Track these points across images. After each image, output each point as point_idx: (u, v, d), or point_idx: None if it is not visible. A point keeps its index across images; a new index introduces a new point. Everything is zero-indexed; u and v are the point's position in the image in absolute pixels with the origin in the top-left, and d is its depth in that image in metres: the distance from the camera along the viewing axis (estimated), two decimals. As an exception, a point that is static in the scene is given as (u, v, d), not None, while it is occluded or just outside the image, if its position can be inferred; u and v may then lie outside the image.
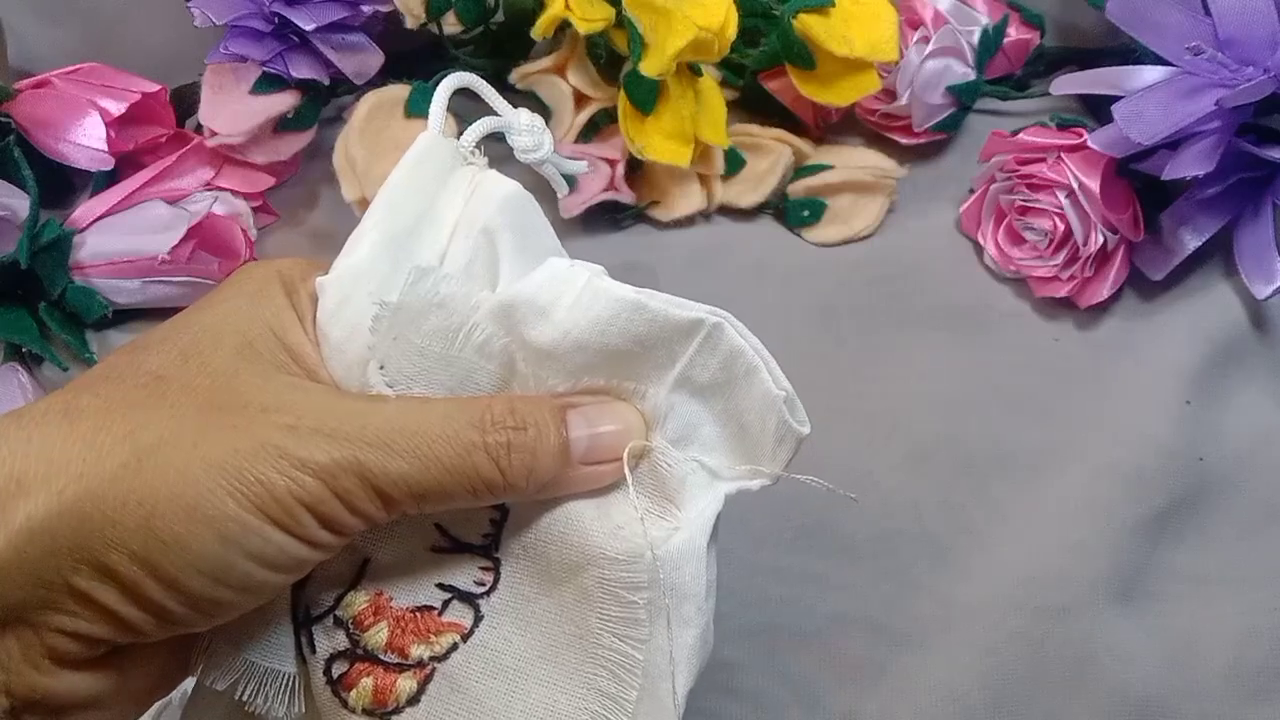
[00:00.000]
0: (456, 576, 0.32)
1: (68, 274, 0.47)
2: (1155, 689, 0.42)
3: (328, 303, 0.32)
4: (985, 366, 0.49)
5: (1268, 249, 0.48)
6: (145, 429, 0.27)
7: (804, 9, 0.50)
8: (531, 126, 0.37)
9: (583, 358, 0.30)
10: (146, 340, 0.31)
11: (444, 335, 0.31)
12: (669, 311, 0.30)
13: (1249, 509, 0.46)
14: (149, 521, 0.26)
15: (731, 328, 0.31)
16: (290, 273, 0.32)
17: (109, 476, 0.26)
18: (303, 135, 0.51)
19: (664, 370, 0.31)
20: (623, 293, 0.30)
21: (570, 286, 0.30)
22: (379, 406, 0.29)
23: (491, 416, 0.29)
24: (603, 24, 0.49)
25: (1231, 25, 0.46)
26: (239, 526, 0.27)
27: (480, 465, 0.29)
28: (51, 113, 0.48)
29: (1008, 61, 0.56)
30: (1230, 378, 0.49)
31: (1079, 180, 0.48)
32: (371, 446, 0.28)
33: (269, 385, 0.29)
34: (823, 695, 0.42)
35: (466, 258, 0.33)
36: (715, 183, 0.53)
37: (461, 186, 0.34)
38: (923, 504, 0.46)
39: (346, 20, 0.49)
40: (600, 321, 0.30)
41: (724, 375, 0.31)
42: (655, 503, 0.32)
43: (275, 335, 0.31)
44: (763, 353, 0.31)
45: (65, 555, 0.26)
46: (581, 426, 0.30)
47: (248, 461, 0.27)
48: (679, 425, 0.32)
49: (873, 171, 0.53)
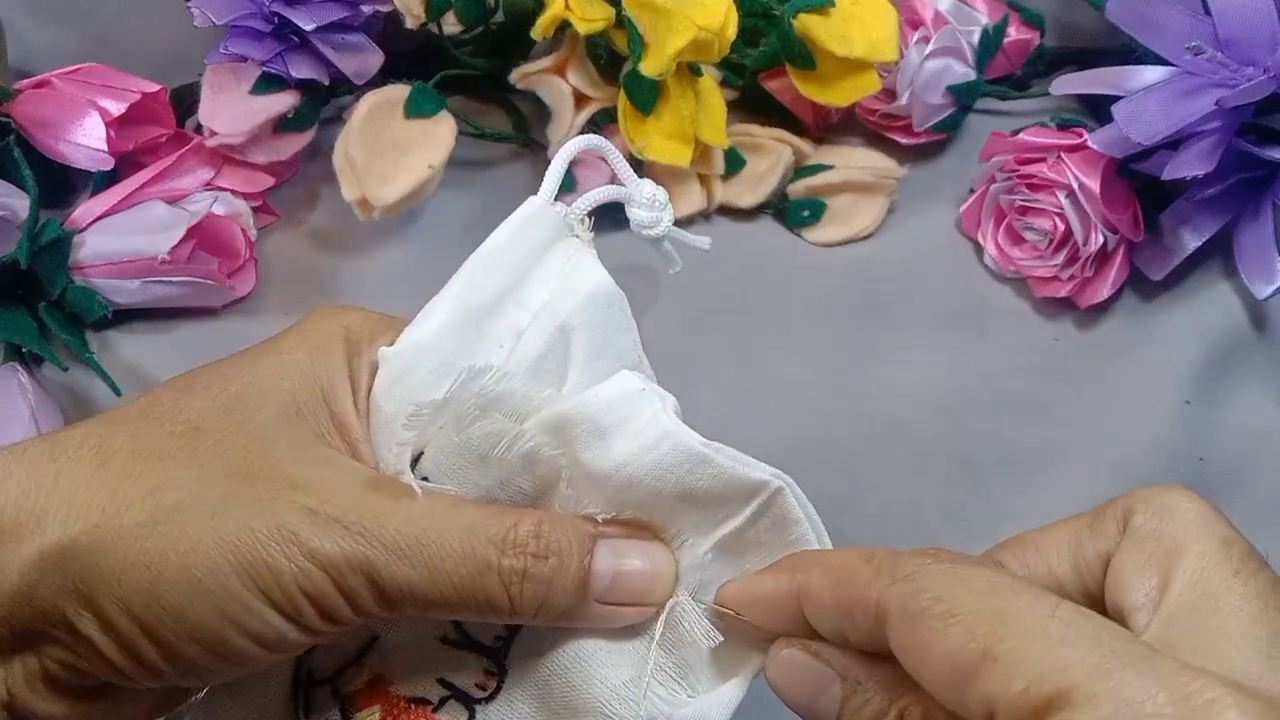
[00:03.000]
0: (459, 675, 0.31)
1: (68, 274, 0.47)
2: (1155, 689, 0.42)
3: (384, 378, 0.31)
4: (985, 366, 0.49)
5: (1268, 249, 0.48)
6: (169, 489, 0.27)
7: (804, 9, 0.50)
8: (653, 200, 0.35)
9: (632, 495, 0.29)
10: (195, 380, 0.30)
11: (489, 439, 0.29)
12: (735, 470, 0.29)
13: (1249, 509, 0.46)
14: (154, 587, 0.26)
15: (792, 494, 0.29)
16: (359, 331, 0.32)
17: (124, 532, 0.27)
18: (303, 135, 0.51)
19: (715, 525, 0.29)
20: (691, 444, 0.28)
21: (637, 415, 0.29)
22: (404, 506, 0.28)
23: (515, 537, 0.28)
24: (603, 24, 0.48)
25: (1231, 25, 0.45)
26: (240, 606, 0.27)
27: (490, 589, 0.28)
28: (51, 113, 0.48)
29: (1008, 61, 0.56)
30: (1230, 378, 0.49)
31: (1079, 180, 0.47)
32: (385, 549, 0.27)
33: (304, 456, 0.29)
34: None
35: (538, 353, 0.32)
36: (715, 183, 0.53)
37: (558, 262, 0.33)
38: (923, 504, 0.46)
39: (346, 20, 0.49)
40: (660, 467, 0.28)
41: (771, 538, 0.30)
42: (672, 662, 0.30)
43: (325, 400, 0.30)
44: (817, 525, 0.30)
45: (70, 596, 0.27)
46: (607, 561, 0.29)
47: (260, 543, 0.26)
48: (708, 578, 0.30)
49: (873, 171, 0.53)
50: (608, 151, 0.35)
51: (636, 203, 0.35)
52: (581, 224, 0.33)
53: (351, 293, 0.51)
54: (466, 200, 0.53)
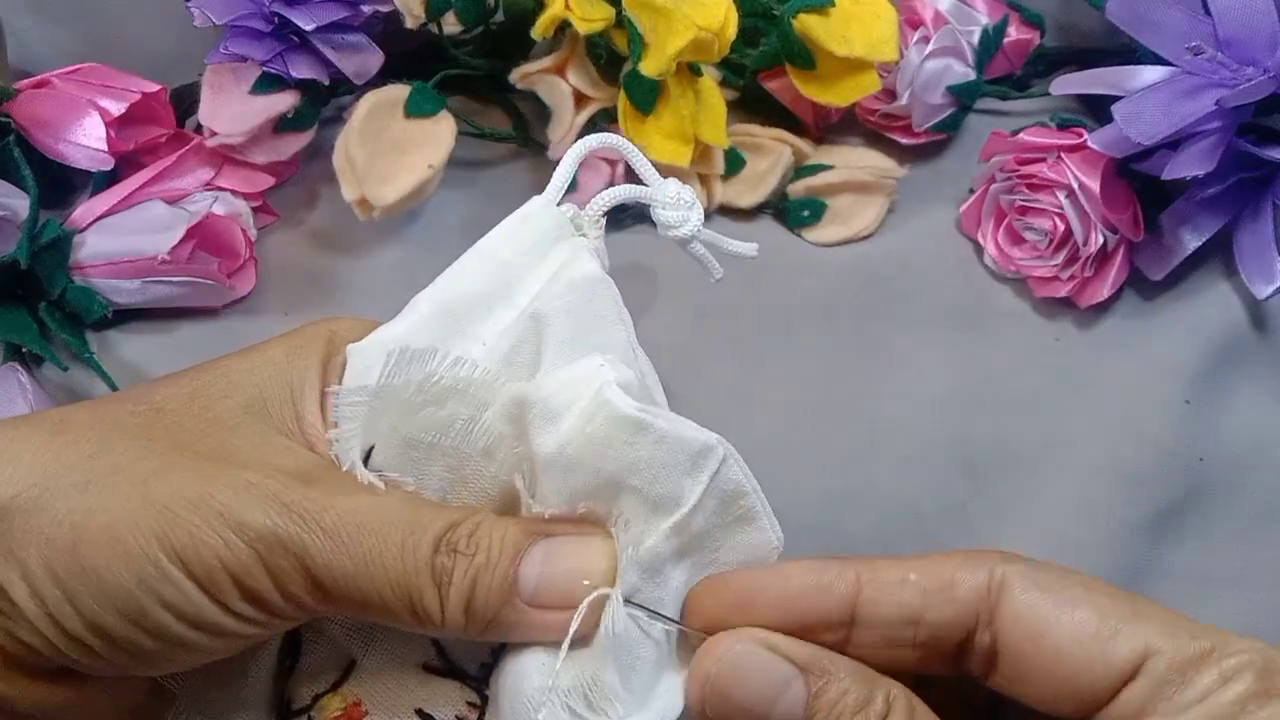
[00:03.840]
0: (439, 706, 0.30)
1: (68, 274, 0.47)
2: (1155, 689, 0.42)
3: (350, 373, 0.30)
4: (985, 366, 0.49)
5: (1268, 249, 0.48)
6: (111, 453, 0.27)
7: (804, 9, 0.50)
8: (679, 199, 0.33)
9: (576, 480, 0.27)
10: (175, 374, 0.30)
11: (438, 426, 0.28)
12: (676, 433, 0.27)
13: (1249, 509, 0.46)
14: (75, 545, 0.26)
15: (735, 462, 0.28)
16: (345, 335, 0.31)
17: (59, 492, 0.26)
18: (303, 135, 0.51)
19: (663, 512, 0.28)
20: (626, 411, 0.27)
21: (587, 390, 0.27)
22: (351, 495, 0.27)
23: (452, 536, 0.27)
24: (603, 24, 0.48)
25: (1231, 25, 0.45)
26: (156, 572, 0.26)
27: (424, 588, 0.27)
28: (51, 113, 0.48)
29: (1008, 61, 0.56)
30: (1230, 378, 0.49)
31: (1079, 180, 0.47)
32: (323, 534, 0.26)
33: (263, 445, 0.28)
34: (823, 695, 0.42)
35: (510, 344, 0.30)
36: (715, 183, 0.53)
37: (556, 263, 0.31)
38: (923, 504, 0.46)
39: (346, 20, 0.49)
40: (596, 440, 0.27)
41: (718, 519, 0.28)
42: (601, 673, 0.27)
43: (292, 398, 0.29)
44: (761, 496, 0.29)
45: (4, 556, 0.26)
46: (535, 563, 0.27)
47: (185, 510, 0.26)
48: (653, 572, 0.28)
49: (873, 171, 0.53)
50: (628, 151, 0.33)
51: (661, 203, 0.33)
52: (596, 224, 0.32)
53: (351, 293, 0.51)
54: (466, 200, 0.53)
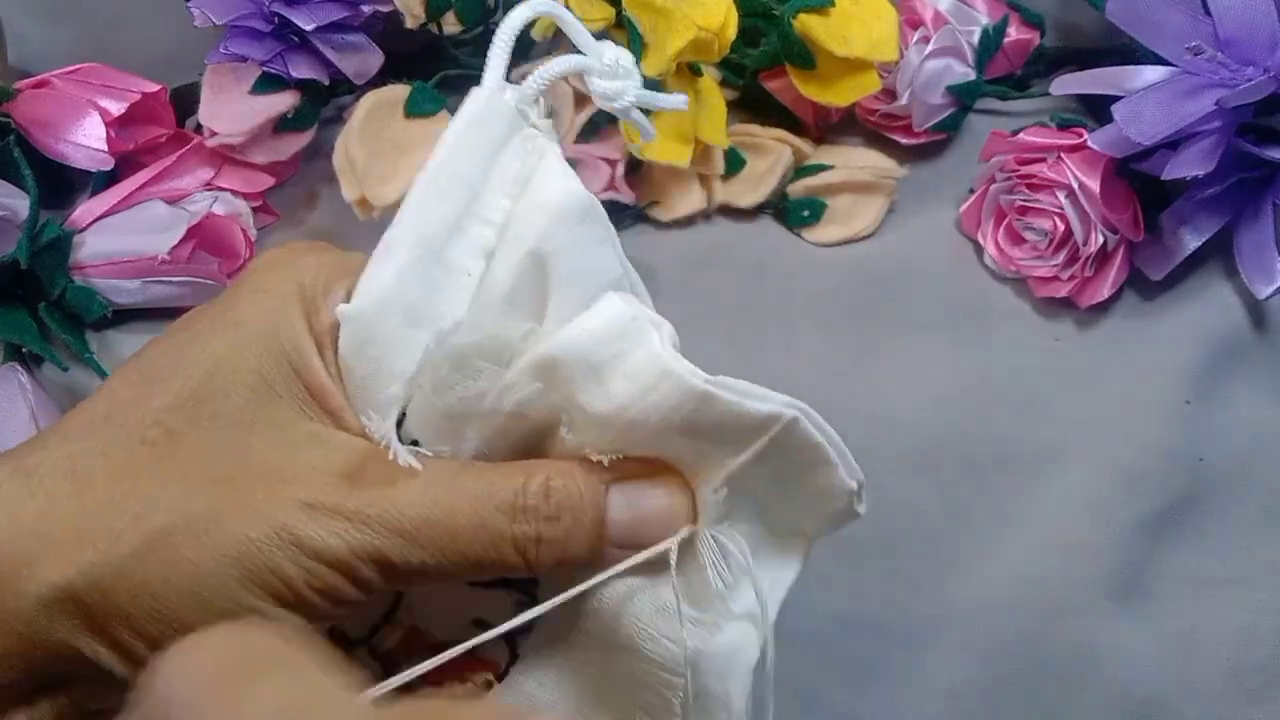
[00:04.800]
0: (494, 613, 0.29)
1: (68, 274, 0.47)
2: (1155, 689, 0.42)
3: (349, 339, 0.28)
4: (985, 366, 0.49)
5: (1268, 249, 0.48)
6: (155, 511, 0.26)
7: (804, 9, 0.50)
8: (616, 65, 0.31)
9: (637, 435, 0.27)
10: (151, 369, 0.29)
11: (471, 399, 0.28)
12: (742, 405, 0.27)
13: (1249, 509, 0.46)
14: (163, 613, 0.26)
15: (808, 421, 0.28)
16: (313, 283, 0.30)
17: (120, 565, 0.26)
18: (303, 135, 0.51)
19: (725, 459, 0.28)
20: (693, 383, 0.26)
21: (632, 349, 0.26)
22: (404, 485, 0.27)
23: (524, 501, 0.27)
24: (603, 24, 0.48)
25: (1231, 25, 0.45)
26: (254, 614, 0.26)
27: (505, 557, 0.27)
28: (51, 113, 0.48)
29: (1008, 61, 0.56)
30: (1230, 378, 0.49)
31: (1079, 180, 0.47)
32: (394, 535, 0.26)
33: (285, 439, 0.28)
34: (823, 695, 0.42)
35: (510, 284, 0.29)
36: (715, 183, 0.53)
37: (517, 161, 0.29)
38: (923, 504, 0.46)
39: (346, 20, 0.49)
40: (662, 408, 0.26)
41: (786, 463, 0.28)
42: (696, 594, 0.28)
43: (294, 370, 0.28)
44: (838, 444, 0.29)
45: (81, 634, 0.26)
46: (622, 509, 0.28)
47: (261, 551, 0.26)
48: (723, 508, 0.28)
49: (873, 171, 0.53)
50: (559, 16, 0.30)
51: (598, 71, 0.31)
52: (536, 107, 0.30)
53: (351, 293, 0.51)
54: (466, 200, 0.53)
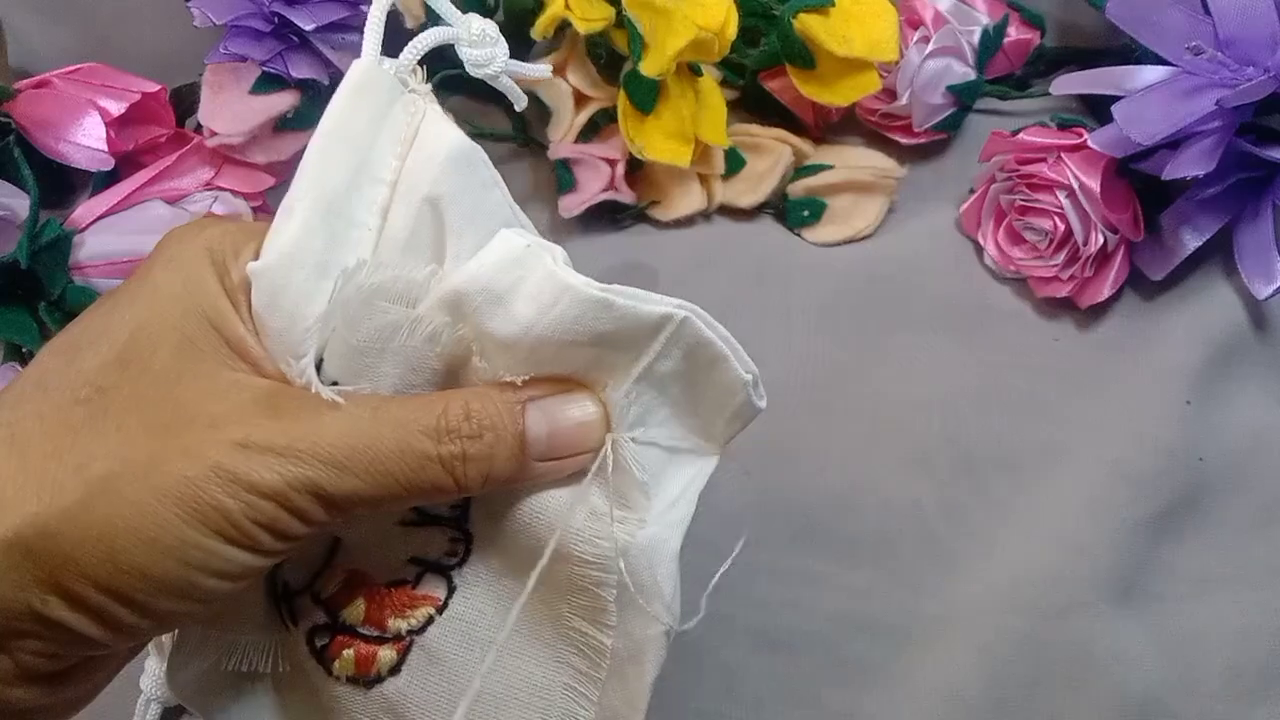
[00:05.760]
0: (428, 549, 0.32)
1: (67, 274, 0.47)
2: (1155, 689, 0.42)
3: (260, 294, 0.30)
4: (985, 366, 0.49)
5: (1268, 249, 0.48)
6: (95, 460, 0.27)
7: (804, 9, 0.50)
8: (483, 35, 0.34)
9: (545, 352, 0.29)
10: (78, 339, 0.30)
11: (383, 332, 0.29)
12: (636, 308, 0.29)
13: (1249, 509, 0.46)
14: (111, 556, 0.26)
15: (698, 320, 0.30)
16: (221, 247, 0.31)
17: (64, 514, 0.27)
18: (303, 135, 0.51)
19: (629, 364, 0.30)
20: (590, 292, 0.28)
21: (529, 273, 0.29)
22: (329, 418, 0.28)
23: (446, 423, 0.29)
24: (603, 24, 0.49)
25: (1231, 25, 0.45)
26: (201, 551, 0.27)
27: (435, 477, 0.29)
28: (51, 113, 0.48)
29: (1008, 61, 0.56)
30: (1230, 378, 0.49)
31: (1079, 180, 0.48)
32: (325, 465, 0.27)
33: (215, 387, 0.29)
34: (823, 695, 0.42)
35: (408, 230, 0.31)
36: (715, 183, 0.53)
37: (401, 124, 0.32)
38: (923, 504, 0.46)
39: (346, 20, 0.49)
40: (565, 320, 0.29)
41: (687, 364, 0.30)
42: (620, 494, 0.31)
43: (213, 326, 0.30)
44: (730, 341, 0.30)
45: (30, 586, 0.27)
46: (540, 424, 0.30)
47: (201, 489, 0.27)
48: (637, 413, 0.31)
49: (873, 171, 0.53)
50: None
51: (465, 40, 0.33)
52: (414, 75, 0.32)
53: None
54: (466, 200, 0.53)
